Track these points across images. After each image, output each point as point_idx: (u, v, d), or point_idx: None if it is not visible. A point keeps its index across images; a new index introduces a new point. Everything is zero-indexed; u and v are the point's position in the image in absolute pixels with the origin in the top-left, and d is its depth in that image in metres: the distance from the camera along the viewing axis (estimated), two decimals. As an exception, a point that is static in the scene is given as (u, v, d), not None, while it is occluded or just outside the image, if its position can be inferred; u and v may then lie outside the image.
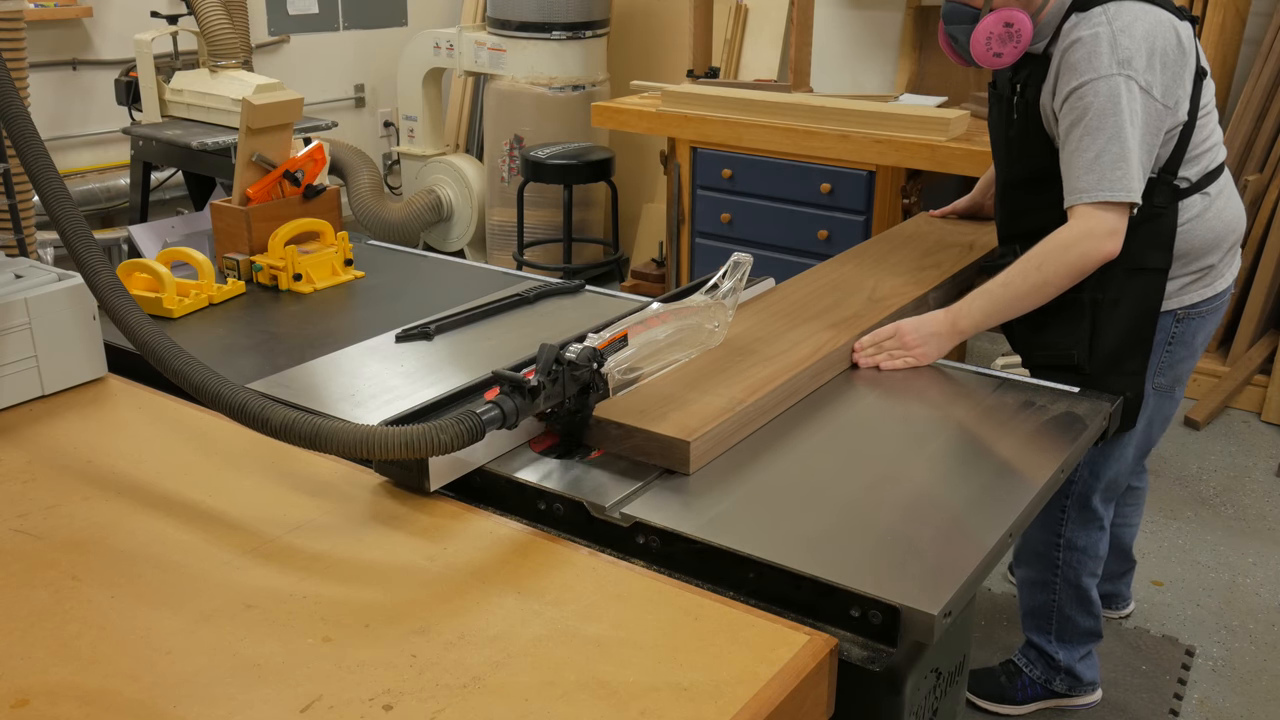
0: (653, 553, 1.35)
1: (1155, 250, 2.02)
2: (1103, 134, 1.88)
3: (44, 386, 1.72)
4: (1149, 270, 2.03)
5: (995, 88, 2.19)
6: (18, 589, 1.23)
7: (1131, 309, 2.04)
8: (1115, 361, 2.05)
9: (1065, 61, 1.93)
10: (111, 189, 4.75)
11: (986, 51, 2.00)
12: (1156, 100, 1.90)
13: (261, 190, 2.38)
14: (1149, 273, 2.03)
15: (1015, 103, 2.07)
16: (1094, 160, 1.89)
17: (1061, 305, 2.00)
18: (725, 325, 1.82)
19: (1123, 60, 1.87)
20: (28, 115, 1.58)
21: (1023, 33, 1.97)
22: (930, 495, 1.47)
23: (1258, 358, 4.05)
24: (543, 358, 1.50)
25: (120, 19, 4.78)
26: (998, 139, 2.21)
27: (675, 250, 3.96)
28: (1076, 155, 1.91)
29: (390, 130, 6.04)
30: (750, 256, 1.97)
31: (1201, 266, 2.09)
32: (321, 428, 1.34)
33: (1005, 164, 2.19)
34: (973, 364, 2.14)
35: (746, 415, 1.60)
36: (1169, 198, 2.01)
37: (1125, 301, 2.03)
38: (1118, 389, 1.90)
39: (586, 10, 5.05)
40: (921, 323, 1.90)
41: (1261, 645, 2.72)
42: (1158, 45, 1.89)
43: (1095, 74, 1.87)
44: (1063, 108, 1.94)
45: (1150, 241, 2.01)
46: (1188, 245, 2.05)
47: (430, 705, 1.05)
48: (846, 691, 1.21)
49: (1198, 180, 2.03)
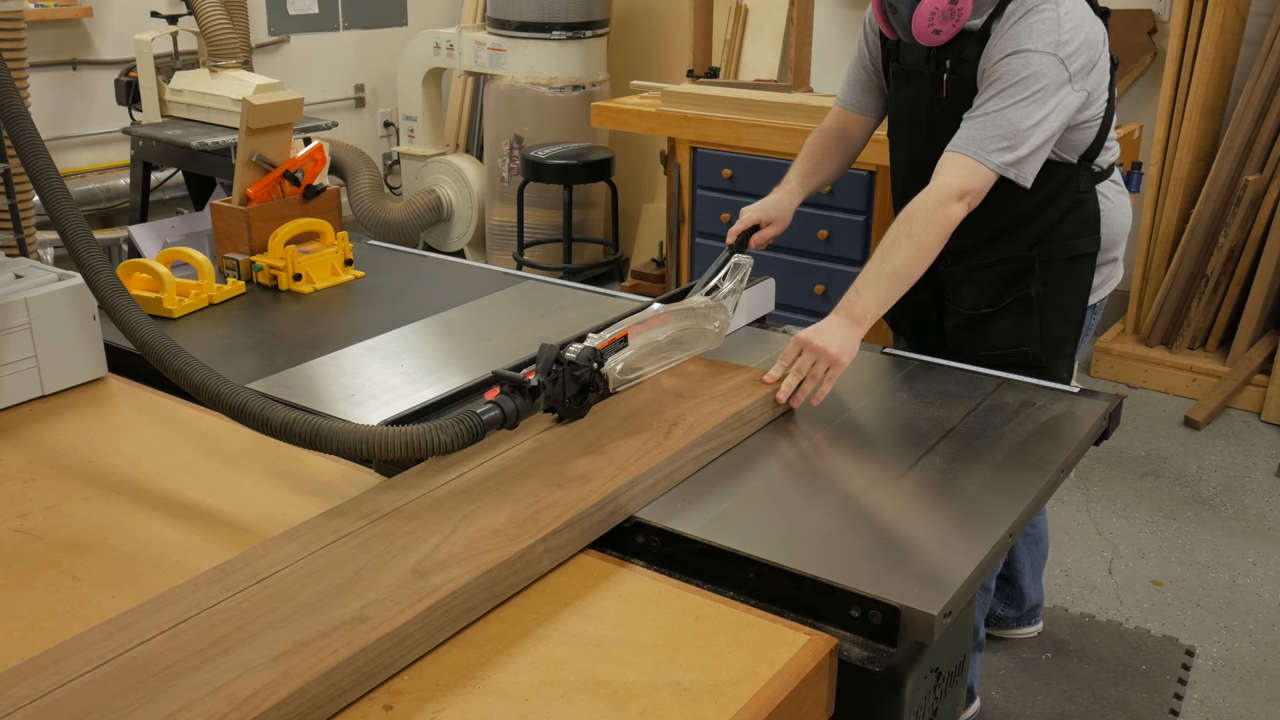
0: (653, 553, 1.35)
1: (1086, 235, 2.09)
2: (1017, 103, 1.85)
3: (44, 386, 1.72)
4: (1083, 255, 2.10)
5: (899, 62, 2.11)
6: (18, 589, 1.23)
7: (1071, 294, 2.11)
8: (1059, 346, 2.13)
9: (1007, 32, 1.89)
10: (111, 189, 4.74)
11: (927, 27, 1.93)
12: (1074, 90, 1.89)
13: (261, 190, 2.38)
14: (1083, 257, 2.10)
15: (946, 80, 2.01)
16: (996, 121, 1.85)
17: (1009, 303, 2.06)
18: (725, 326, 1.82)
19: (1061, 42, 1.86)
20: (28, 115, 1.58)
21: (964, 12, 1.92)
22: (930, 495, 1.47)
23: (1258, 358, 4.05)
24: (543, 358, 1.50)
25: (120, 19, 4.78)
26: (913, 118, 2.11)
27: (675, 250, 3.96)
28: (982, 113, 1.87)
29: (390, 130, 6.04)
30: (750, 259, 1.98)
31: (1112, 257, 2.17)
32: (321, 428, 1.34)
33: (925, 142, 2.07)
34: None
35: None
36: (1090, 182, 2.06)
37: (1065, 289, 2.10)
38: (1058, 374, 1.98)
39: (586, 10, 5.05)
40: (819, 328, 1.73)
41: (1261, 645, 2.72)
42: (1088, 35, 1.90)
43: (1032, 46, 1.85)
44: (991, 69, 1.90)
45: (1081, 227, 2.08)
46: (1107, 231, 2.11)
47: (430, 705, 1.05)
48: (846, 691, 1.21)
49: (1108, 168, 2.10)
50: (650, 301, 1.98)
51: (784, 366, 1.71)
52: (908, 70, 2.09)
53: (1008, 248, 2.08)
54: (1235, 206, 4.02)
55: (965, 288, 2.12)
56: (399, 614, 1.11)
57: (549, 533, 1.27)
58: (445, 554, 1.22)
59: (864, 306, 1.76)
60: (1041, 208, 2.04)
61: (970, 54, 1.96)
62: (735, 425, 1.58)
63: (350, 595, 1.15)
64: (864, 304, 1.76)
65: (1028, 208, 2.02)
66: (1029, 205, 2.01)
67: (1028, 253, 2.07)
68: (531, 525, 1.28)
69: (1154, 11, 4.33)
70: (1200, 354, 4.22)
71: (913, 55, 2.06)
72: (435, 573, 1.19)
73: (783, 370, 1.71)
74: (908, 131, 2.15)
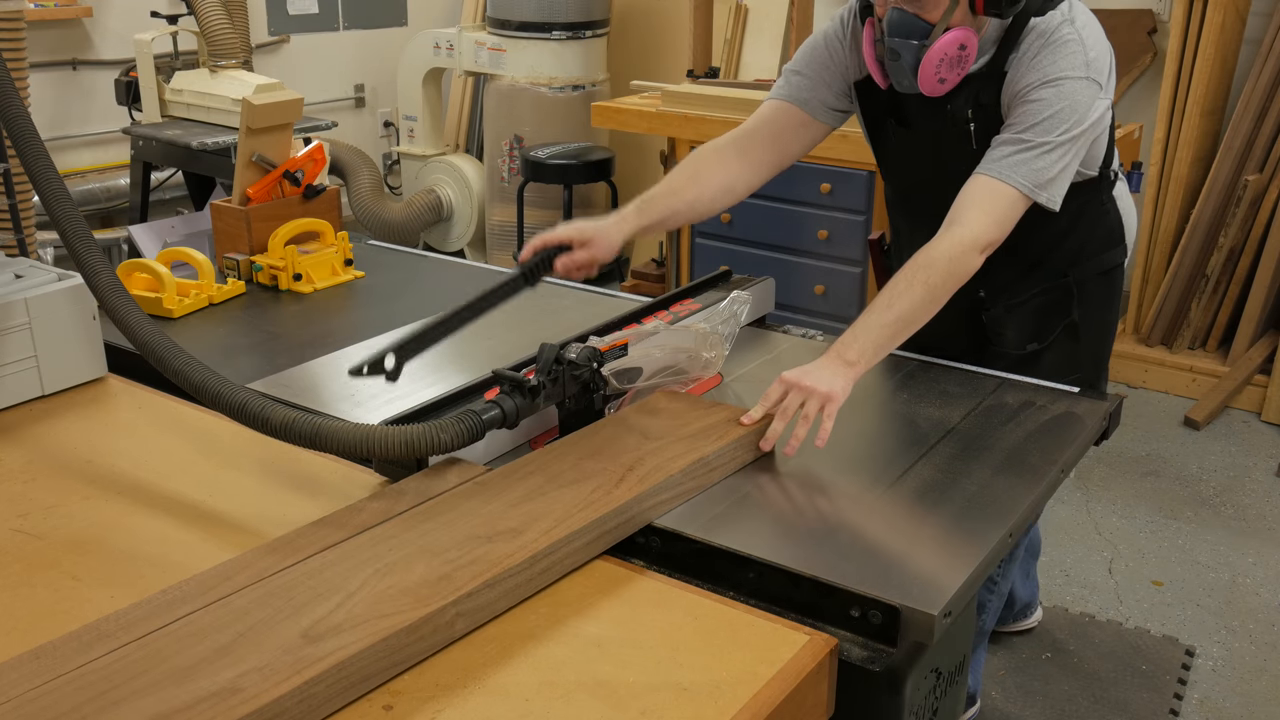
0: (653, 553, 1.35)
1: (1114, 247, 2.03)
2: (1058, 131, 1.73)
3: (44, 386, 1.72)
4: (1114, 267, 2.04)
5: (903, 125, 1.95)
6: (18, 589, 1.23)
7: (1108, 310, 2.05)
8: (1104, 361, 2.08)
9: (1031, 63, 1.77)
10: (111, 189, 4.74)
11: (934, 76, 1.77)
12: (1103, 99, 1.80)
13: (261, 190, 2.38)
14: (1114, 270, 2.04)
15: (974, 130, 1.85)
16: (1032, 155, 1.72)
17: (1056, 335, 1.97)
18: (720, 360, 1.78)
19: (1089, 61, 1.76)
20: (28, 115, 1.58)
21: (969, 58, 1.78)
22: (930, 495, 1.47)
23: (1258, 358, 4.05)
24: (543, 358, 1.50)
25: (120, 19, 4.78)
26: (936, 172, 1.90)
27: (675, 250, 3.96)
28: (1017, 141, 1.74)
29: (390, 130, 6.04)
30: (750, 297, 1.91)
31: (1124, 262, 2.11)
32: (321, 428, 1.34)
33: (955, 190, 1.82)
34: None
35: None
36: (1109, 192, 2.00)
37: (1103, 305, 2.04)
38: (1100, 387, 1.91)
39: (586, 10, 5.05)
40: (807, 369, 1.58)
41: (1261, 645, 2.72)
42: (1104, 44, 1.82)
43: (1064, 74, 1.74)
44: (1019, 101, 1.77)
45: (1109, 240, 2.01)
46: (1129, 236, 2.06)
47: (430, 705, 1.05)
48: (846, 691, 1.21)
49: (1118, 171, 2.04)
50: (649, 300, 1.99)
51: (766, 409, 1.55)
52: (920, 133, 1.94)
53: (1043, 276, 1.99)
54: (1235, 206, 4.02)
55: (1007, 329, 2.01)
56: (275, 686, 0.99)
57: (462, 595, 1.14)
58: (344, 615, 1.10)
59: (859, 350, 1.59)
60: (1071, 227, 1.96)
61: (987, 98, 1.83)
62: (699, 472, 1.43)
63: (229, 660, 1.03)
64: (860, 348, 1.59)
65: (1057, 230, 1.93)
66: (1058, 228, 1.91)
67: (1063, 279, 1.99)
68: (446, 585, 1.15)
69: (1154, 11, 4.33)
70: (1200, 354, 4.22)
71: (923, 114, 1.91)
72: (327, 638, 1.06)
73: (764, 412, 1.54)
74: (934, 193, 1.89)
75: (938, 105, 1.86)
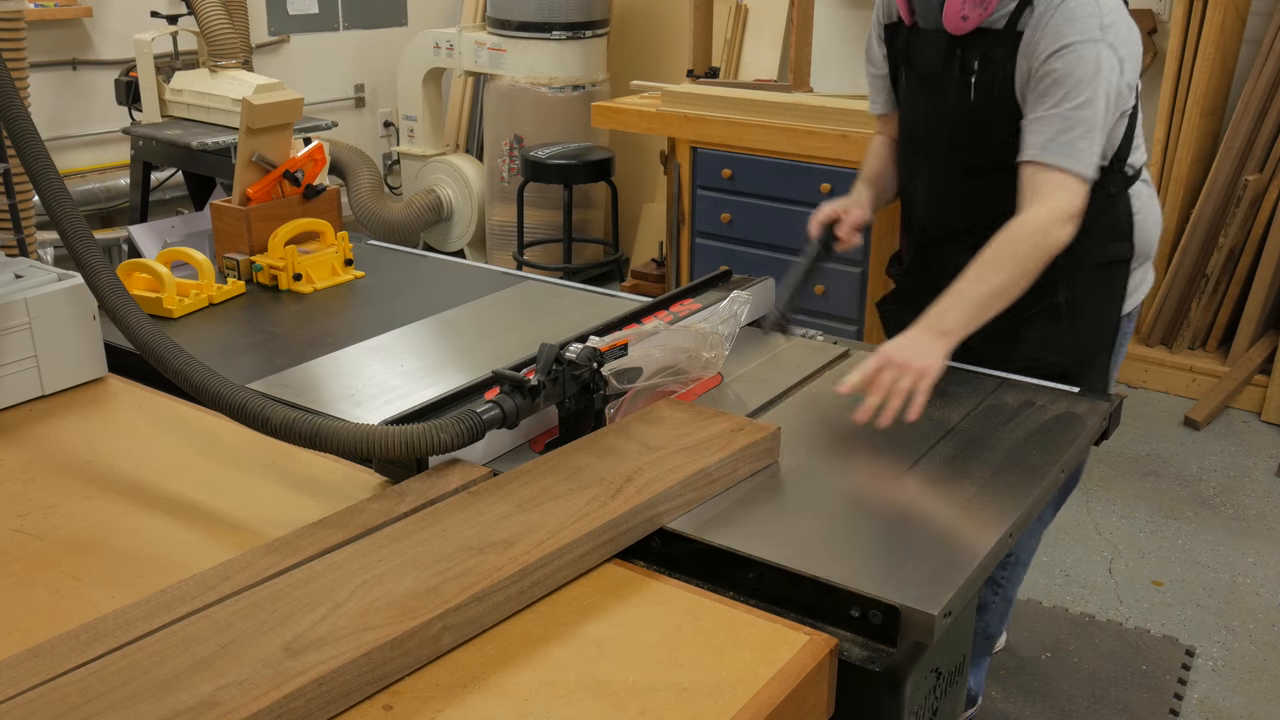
0: (652, 553, 1.35)
1: (1118, 241, 2.01)
2: (1078, 101, 1.77)
3: (44, 386, 1.72)
4: (1116, 262, 2.02)
5: (911, 67, 2.02)
6: (18, 589, 1.23)
7: (1102, 303, 2.03)
8: (1092, 357, 2.05)
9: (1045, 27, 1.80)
10: (111, 189, 4.75)
11: (958, 12, 1.84)
12: (1125, 77, 1.83)
13: (261, 190, 2.38)
14: (1116, 264, 2.02)
15: (975, 82, 1.91)
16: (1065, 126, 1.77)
17: (1036, 312, 1.95)
18: (720, 360, 1.78)
19: (1105, 25, 1.78)
20: (28, 115, 1.58)
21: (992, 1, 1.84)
22: (930, 495, 1.47)
23: (1258, 358, 4.05)
24: (543, 358, 1.50)
25: (120, 19, 4.78)
26: (937, 126, 2.01)
27: (675, 250, 3.96)
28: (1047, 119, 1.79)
29: (390, 130, 6.04)
30: (750, 297, 1.92)
31: (1145, 263, 2.09)
32: (321, 427, 1.34)
33: (951, 151, 2.01)
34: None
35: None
36: (1120, 185, 1.98)
37: (1096, 296, 2.02)
38: (1091, 385, 1.87)
39: (586, 10, 5.05)
40: (901, 343, 1.66)
41: (1261, 645, 2.72)
42: (1127, 19, 1.84)
43: (1080, 36, 1.77)
44: (1039, 70, 1.81)
45: (1113, 232, 1.99)
46: (1141, 236, 2.03)
47: (430, 705, 1.05)
48: (846, 691, 1.21)
49: (1139, 168, 2.02)
50: (649, 299, 1.99)
51: (863, 381, 1.61)
52: (924, 75, 2.00)
53: None
54: (1235, 206, 4.02)
55: None
56: (253, 700, 0.97)
57: (449, 608, 1.12)
58: (328, 628, 1.07)
59: (953, 320, 1.67)
60: None
61: (996, 54, 1.87)
62: (700, 484, 1.40)
63: (209, 673, 1.01)
64: (953, 318, 1.67)
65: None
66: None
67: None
68: (434, 597, 1.13)
69: (1154, 11, 4.33)
70: (1200, 354, 4.22)
71: (929, 55, 1.97)
72: (309, 651, 1.03)
73: (862, 384, 1.61)
74: (931, 140, 2.04)
75: (949, 52, 1.93)
